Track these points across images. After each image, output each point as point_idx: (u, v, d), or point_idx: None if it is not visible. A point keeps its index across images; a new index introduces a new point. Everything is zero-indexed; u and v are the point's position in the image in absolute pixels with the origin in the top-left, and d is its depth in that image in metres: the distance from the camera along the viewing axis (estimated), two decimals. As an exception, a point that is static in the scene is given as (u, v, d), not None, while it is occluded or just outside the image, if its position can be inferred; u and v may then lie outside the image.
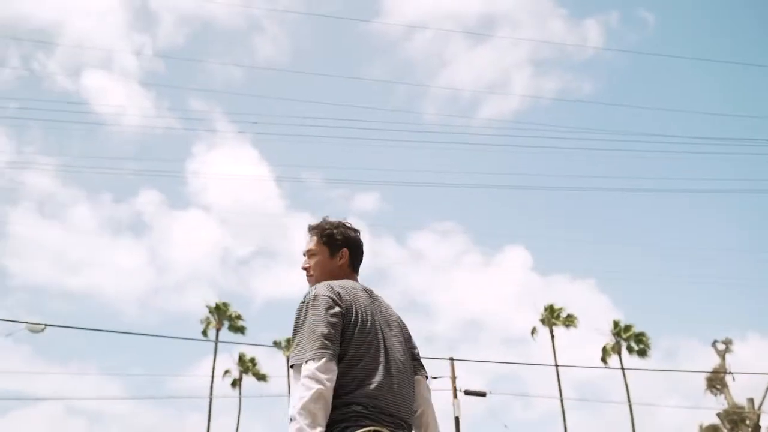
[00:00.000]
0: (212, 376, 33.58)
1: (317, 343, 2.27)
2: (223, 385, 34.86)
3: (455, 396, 20.92)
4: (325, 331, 2.30)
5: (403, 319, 2.69)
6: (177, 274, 54.28)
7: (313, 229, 2.72)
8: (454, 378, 21.17)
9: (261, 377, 35.25)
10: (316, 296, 2.39)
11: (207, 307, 34.80)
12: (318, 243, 2.67)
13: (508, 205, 61.90)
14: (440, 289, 52.25)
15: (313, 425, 2.11)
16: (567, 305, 35.81)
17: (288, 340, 33.26)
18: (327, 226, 2.70)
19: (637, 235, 55.91)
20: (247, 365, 35.01)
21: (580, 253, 56.40)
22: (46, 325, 16.62)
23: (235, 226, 55.46)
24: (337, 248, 2.67)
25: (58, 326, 16.91)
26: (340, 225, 2.72)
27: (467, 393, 21.05)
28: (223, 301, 35.30)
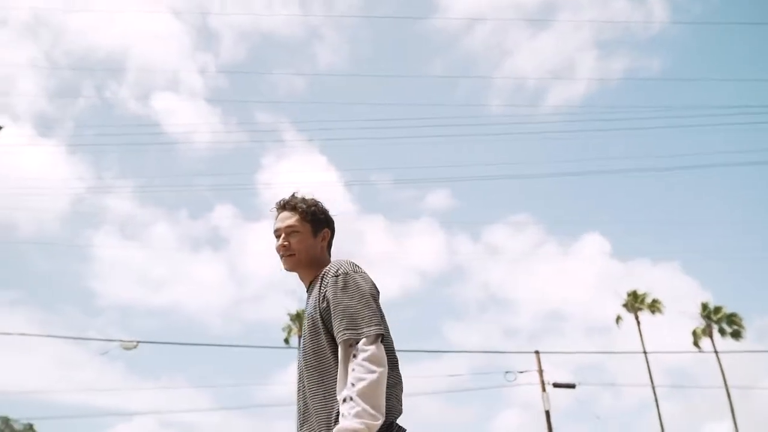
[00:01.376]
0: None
1: (375, 320, 2.13)
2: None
3: (543, 389, 20.54)
4: (376, 307, 2.19)
5: (482, 313, 2.63)
6: (256, 284, 55.40)
7: (290, 205, 2.47)
8: (541, 371, 20.79)
9: (346, 381, 35.10)
10: (356, 271, 2.26)
11: (288, 314, 35.32)
12: (300, 220, 2.44)
13: (581, 193, 61.09)
14: (519, 282, 51.88)
15: (375, 413, 1.97)
16: (651, 290, 34.69)
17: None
18: (310, 203, 2.48)
19: (720, 212, 53.79)
20: (330, 369, 34.93)
21: (660, 235, 54.87)
22: (138, 341, 17.16)
23: (310, 233, 55.71)
24: (320, 227, 2.48)
25: (149, 342, 17.36)
26: (320, 202, 2.51)
27: (556, 386, 20.65)
28: (302, 308, 35.65)
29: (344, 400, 2.01)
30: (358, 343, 2.08)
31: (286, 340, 34.85)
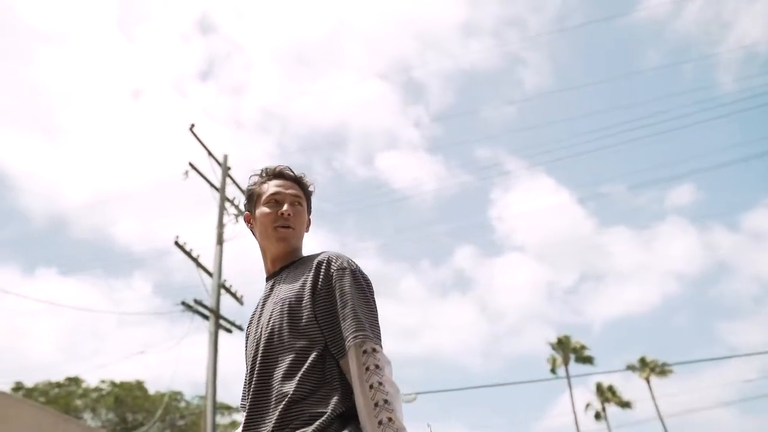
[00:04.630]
0: (574, 412, 32.68)
1: (380, 332, 1.87)
2: (586, 419, 33.74)
3: None
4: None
5: (761, 307, 1.93)
6: (509, 318, 54.91)
7: (290, 175, 2.18)
8: None
9: (625, 404, 33.46)
10: (363, 272, 1.98)
11: (549, 344, 34.38)
12: (303, 195, 2.16)
13: None
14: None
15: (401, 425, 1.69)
16: None
17: (643, 361, 31.09)
18: (308, 180, 2.21)
19: None
20: (606, 395, 33.52)
21: None
22: (416, 393, 17.49)
23: (553, 257, 54.71)
24: (310, 211, 2.21)
25: (424, 392, 17.58)
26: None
27: None
28: (564, 334, 34.66)
29: (381, 423, 1.67)
30: (378, 351, 1.78)
31: (553, 370, 33.82)
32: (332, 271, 1.93)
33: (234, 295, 14.70)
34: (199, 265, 14.11)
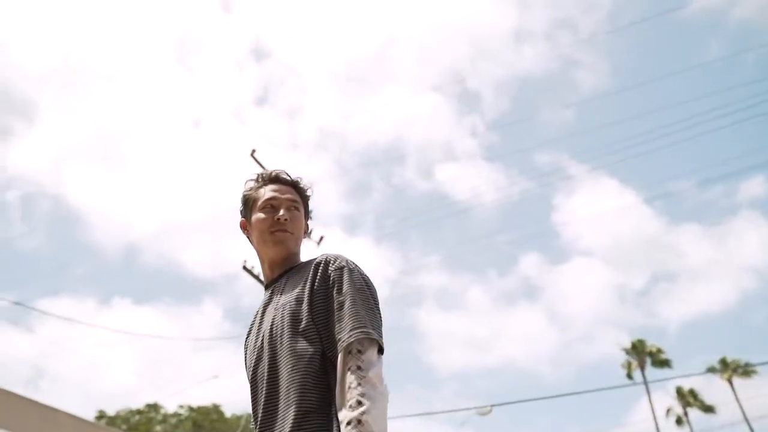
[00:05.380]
0: (654, 419, 31.67)
1: (381, 333, 1.80)
2: (667, 425, 32.66)
3: None
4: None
5: None
6: (580, 324, 53.77)
7: (287, 180, 2.14)
8: None
9: (707, 408, 32.26)
10: (364, 272, 1.93)
11: (623, 349, 33.47)
12: (300, 200, 2.13)
13: None
14: None
15: None
16: None
17: (724, 362, 29.98)
18: (305, 184, 2.17)
19: None
20: (687, 399, 32.39)
21: None
22: (491, 406, 17.30)
23: (621, 260, 53.49)
24: (308, 216, 2.17)
25: (501, 404, 17.39)
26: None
27: None
28: (638, 338, 33.65)
29: (349, 423, 1.59)
30: (363, 352, 1.70)
31: (629, 375, 32.87)
32: (330, 271, 1.89)
33: (303, 315, 14.86)
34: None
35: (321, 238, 15.83)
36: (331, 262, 1.92)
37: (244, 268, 14.07)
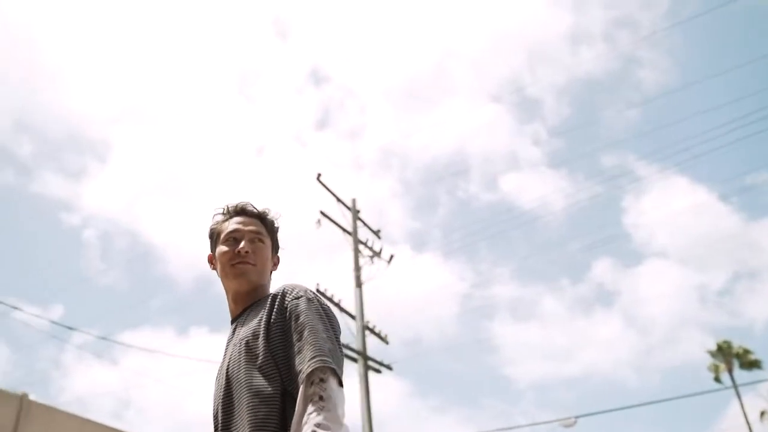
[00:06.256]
0: (747, 423, 30.29)
1: (341, 363, 1.75)
2: (763, 429, 31.18)
3: None
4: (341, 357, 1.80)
5: None
6: (660, 328, 51.97)
7: (251, 211, 2.11)
8: None
9: (803, 409, 30.60)
10: (325, 304, 1.89)
11: (708, 352, 32.24)
12: (266, 232, 2.09)
13: None
14: None
15: None
16: None
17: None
18: (273, 216, 2.14)
19: None
20: (781, 401, 30.86)
21: None
22: (576, 417, 16.91)
23: (698, 259, 51.90)
24: (276, 250, 2.14)
25: (586, 415, 16.99)
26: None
27: None
28: (723, 339, 32.32)
29: None
30: (326, 381, 1.63)
31: (717, 379, 31.58)
32: (287, 302, 1.84)
33: (378, 335, 14.95)
34: (342, 309, 14.50)
35: (391, 257, 15.90)
36: (288, 292, 1.86)
37: (317, 290, 14.23)
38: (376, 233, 16.41)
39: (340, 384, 1.66)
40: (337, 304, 14.42)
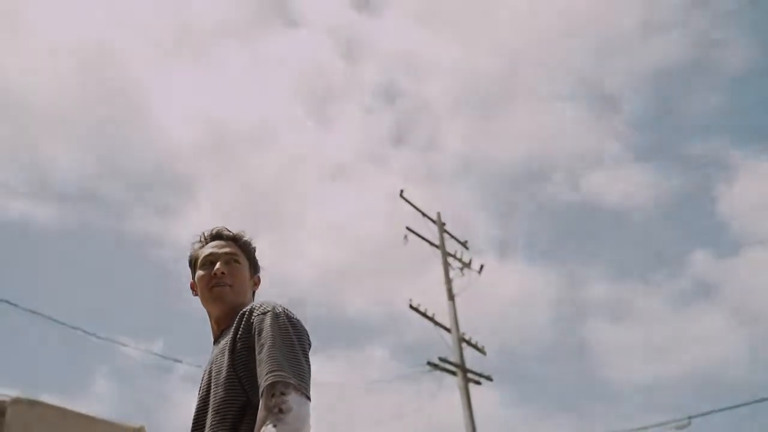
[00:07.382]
0: None
1: (309, 379, 1.75)
2: None
3: None
4: (309, 370, 1.79)
5: None
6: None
7: (226, 235, 2.16)
8: None
9: None
10: (293, 317, 1.88)
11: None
12: (241, 253, 2.13)
13: None
14: None
15: None
16: None
17: None
18: (249, 240, 2.18)
19: None
20: None
21: None
22: (689, 417, 16.21)
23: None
24: (256, 271, 2.19)
25: (700, 415, 16.28)
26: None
27: None
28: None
29: None
30: (287, 394, 1.61)
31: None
32: (253, 317, 1.85)
33: (475, 346, 14.79)
34: (436, 323, 14.43)
35: (481, 267, 15.76)
36: (256, 308, 1.87)
37: (411, 306, 14.24)
38: (464, 244, 16.28)
39: (307, 397, 1.67)
40: (431, 319, 14.37)
